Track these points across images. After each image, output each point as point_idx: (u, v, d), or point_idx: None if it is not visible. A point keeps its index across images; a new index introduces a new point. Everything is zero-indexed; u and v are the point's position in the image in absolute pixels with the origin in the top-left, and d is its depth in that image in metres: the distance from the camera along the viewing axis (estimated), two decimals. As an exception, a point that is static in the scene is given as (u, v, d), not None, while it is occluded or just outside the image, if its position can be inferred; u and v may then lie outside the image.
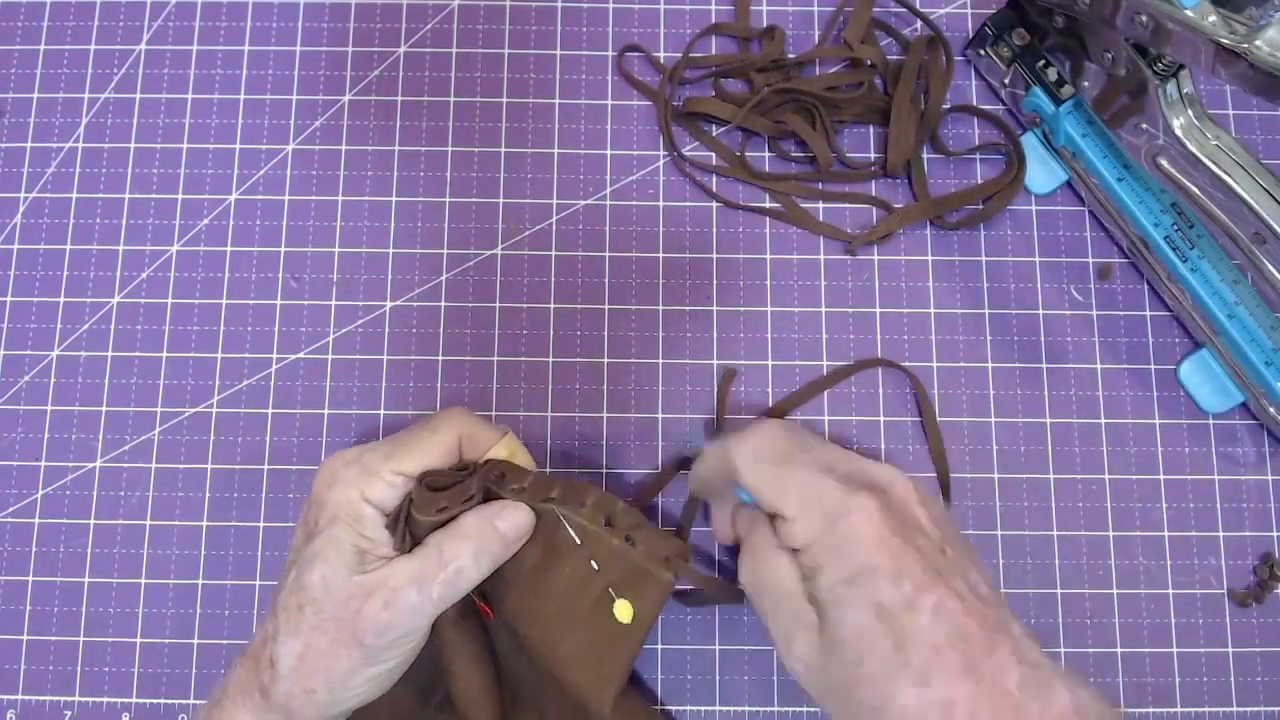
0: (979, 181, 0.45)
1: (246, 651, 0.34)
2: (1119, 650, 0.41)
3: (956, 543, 0.32)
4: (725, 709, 0.41)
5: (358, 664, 0.32)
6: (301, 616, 0.32)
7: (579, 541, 0.36)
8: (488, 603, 0.37)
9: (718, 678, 0.41)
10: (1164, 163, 0.39)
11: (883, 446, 0.43)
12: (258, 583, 0.42)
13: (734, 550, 0.40)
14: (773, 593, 0.32)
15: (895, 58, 0.46)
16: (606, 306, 0.44)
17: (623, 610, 0.36)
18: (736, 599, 0.38)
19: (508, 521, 0.35)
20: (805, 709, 0.41)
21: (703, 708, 0.41)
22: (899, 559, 0.30)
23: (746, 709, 0.41)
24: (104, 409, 0.44)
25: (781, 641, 0.32)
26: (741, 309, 0.44)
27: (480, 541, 0.34)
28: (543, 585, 0.36)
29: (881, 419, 0.43)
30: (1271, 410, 0.41)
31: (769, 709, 0.41)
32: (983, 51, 0.45)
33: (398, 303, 0.45)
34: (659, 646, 0.42)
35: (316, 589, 0.32)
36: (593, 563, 0.36)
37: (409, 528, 0.34)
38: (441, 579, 0.33)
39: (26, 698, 0.41)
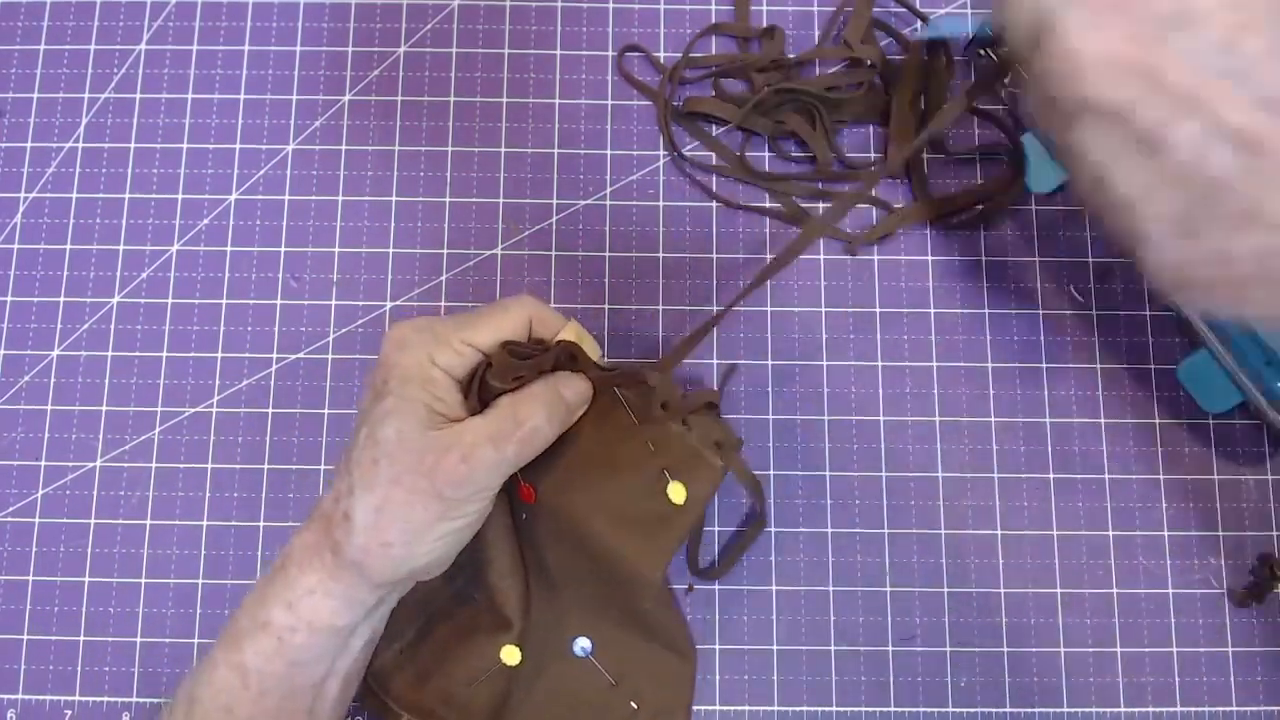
0: (979, 182, 0.45)
1: (312, 516, 0.34)
2: (1119, 650, 0.41)
3: None
4: (725, 709, 0.41)
5: (434, 516, 0.33)
6: (377, 469, 0.32)
7: (636, 422, 0.37)
8: (531, 482, 0.38)
9: (718, 678, 0.41)
10: (1164, 163, 0.39)
11: (882, 447, 0.43)
12: (258, 583, 0.42)
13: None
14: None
15: (895, 58, 0.46)
16: (606, 306, 0.44)
17: (676, 492, 0.37)
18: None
19: (572, 389, 0.36)
20: (805, 709, 0.41)
21: (702, 708, 0.41)
22: None
23: (746, 709, 0.41)
24: (104, 409, 0.44)
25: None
26: (741, 309, 0.44)
27: (550, 406, 0.35)
28: (599, 462, 0.37)
29: (881, 418, 0.43)
30: (1271, 410, 0.41)
31: (769, 709, 0.41)
32: (983, 51, 0.45)
33: (398, 303, 0.45)
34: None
35: (392, 443, 0.32)
36: (649, 444, 0.37)
37: (480, 393, 0.35)
38: (518, 437, 0.34)
39: (26, 698, 0.41)
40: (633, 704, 0.40)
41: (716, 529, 0.43)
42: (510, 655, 0.39)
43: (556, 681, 0.40)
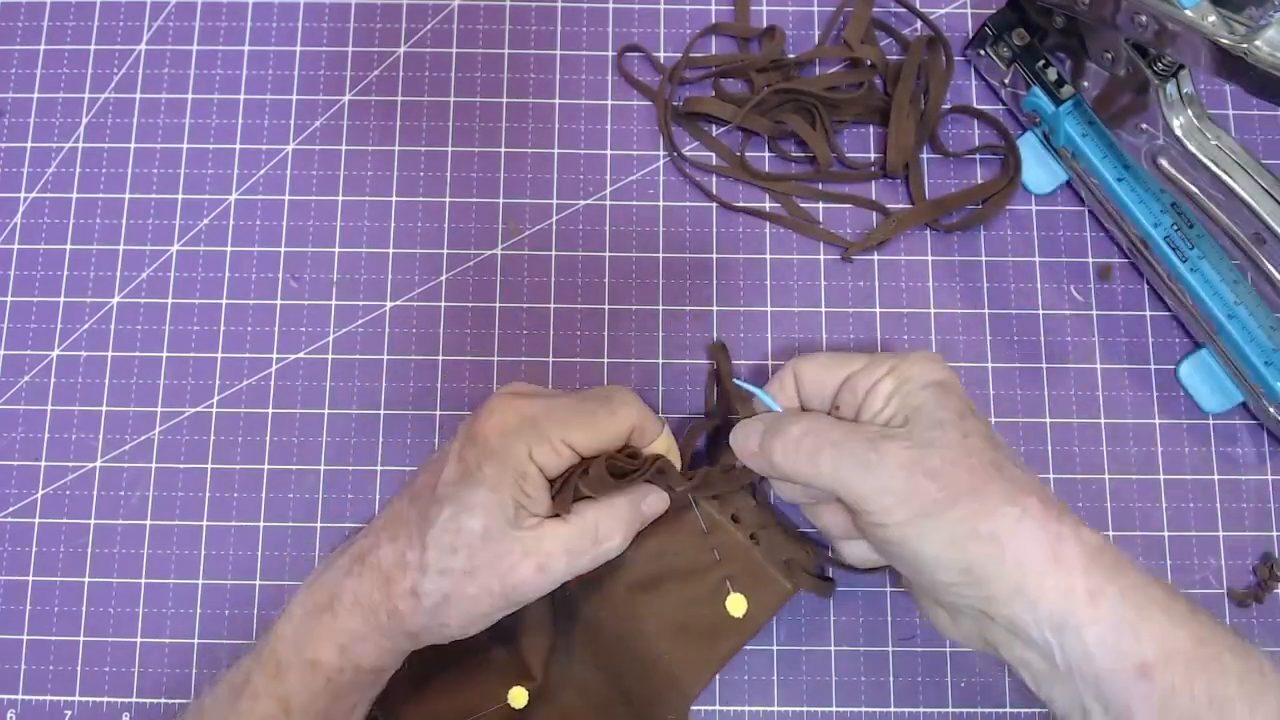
0: (978, 182, 0.45)
1: (364, 561, 0.34)
2: (1119, 650, 0.41)
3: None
4: (725, 709, 0.41)
5: (496, 610, 0.34)
6: (454, 558, 0.33)
7: (705, 529, 0.38)
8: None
9: (718, 677, 0.41)
10: (1164, 163, 0.39)
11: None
12: (258, 582, 0.42)
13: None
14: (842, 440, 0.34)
15: (895, 58, 0.46)
16: (606, 306, 0.44)
17: (736, 604, 0.37)
18: (826, 592, 0.40)
19: (652, 507, 0.37)
20: (805, 709, 0.41)
21: (702, 708, 0.41)
22: (954, 381, 0.34)
23: (746, 709, 0.41)
24: (104, 409, 0.44)
25: (857, 477, 0.33)
26: (741, 309, 0.44)
27: (630, 524, 0.35)
28: (663, 564, 0.38)
29: (881, 419, 0.43)
30: (1271, 410, 0.41)
31: (769, 709, 0.41)
32: (983, 51, 0.45)
33: (398, 303, 0.45)
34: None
35: (475, 536, 0.33)
36: (715, 552, 0.37)
37: (560, 488, 0.35)
38: (592, 554, 0.34)
39: (26, 698, 0.41)
40: None
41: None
42: (518, 698, 0.39)
43: None
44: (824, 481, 0.32)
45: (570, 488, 0.35)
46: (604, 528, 0.34)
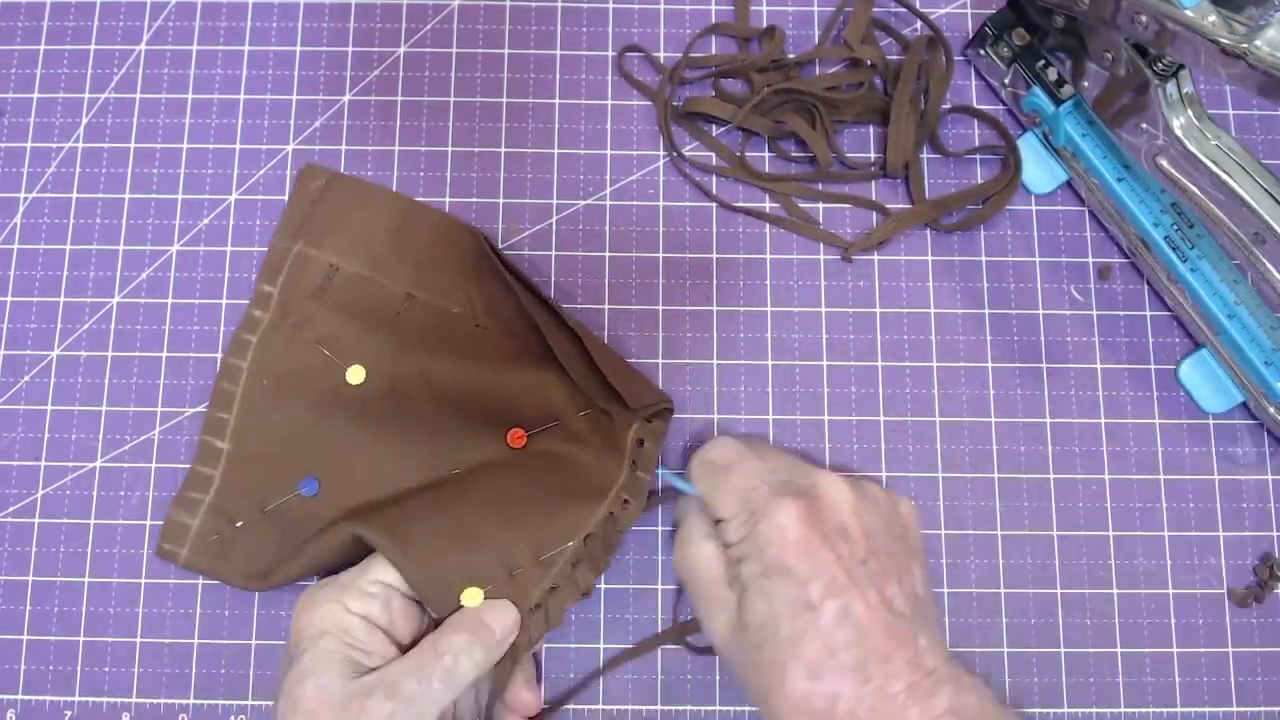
0: (978, 182, 0.45)
1: None
2: (1119, 650, 0.41)
3: (884, 554, 0.34)
4: (725, 709, 0.41)
5: None
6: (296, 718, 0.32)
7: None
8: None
9: (717, 677, 0.41)
10: (1164, 163, 0.39)
11: (883, 447, 0.43)
12: None
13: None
14: (696, 576, 0.36)
15: (895, 58, 0.46)
16: (606, 306, 0.44)
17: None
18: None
19: (498, 618, 0.36)
20: (805, 709, 0.41)
21: (703, 708, 0.41)
22: (812, 562, 0.33)
23: (747, 709, 0.41)
24: (104, 409, 0.44)
25: (704, 618, 0.36)
26: (741, 309, 0.44)
27: (473, 632, 0.35)
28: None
29: (881, 418, 0.43)
30: (1271, 410, 0.41)
31: (769, 709, 0.41)
32: (983, 51, 0.45)
33: (398, 303, 0.45)
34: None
35: (311, 699, 0.32)
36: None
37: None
38: (441, 668, 0.34)
39: (26, 698, 0.41)
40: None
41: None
42: (355, 374, 0.42)
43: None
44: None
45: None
46: (442, 642, 0.34)
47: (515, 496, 0.39)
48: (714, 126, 0.46)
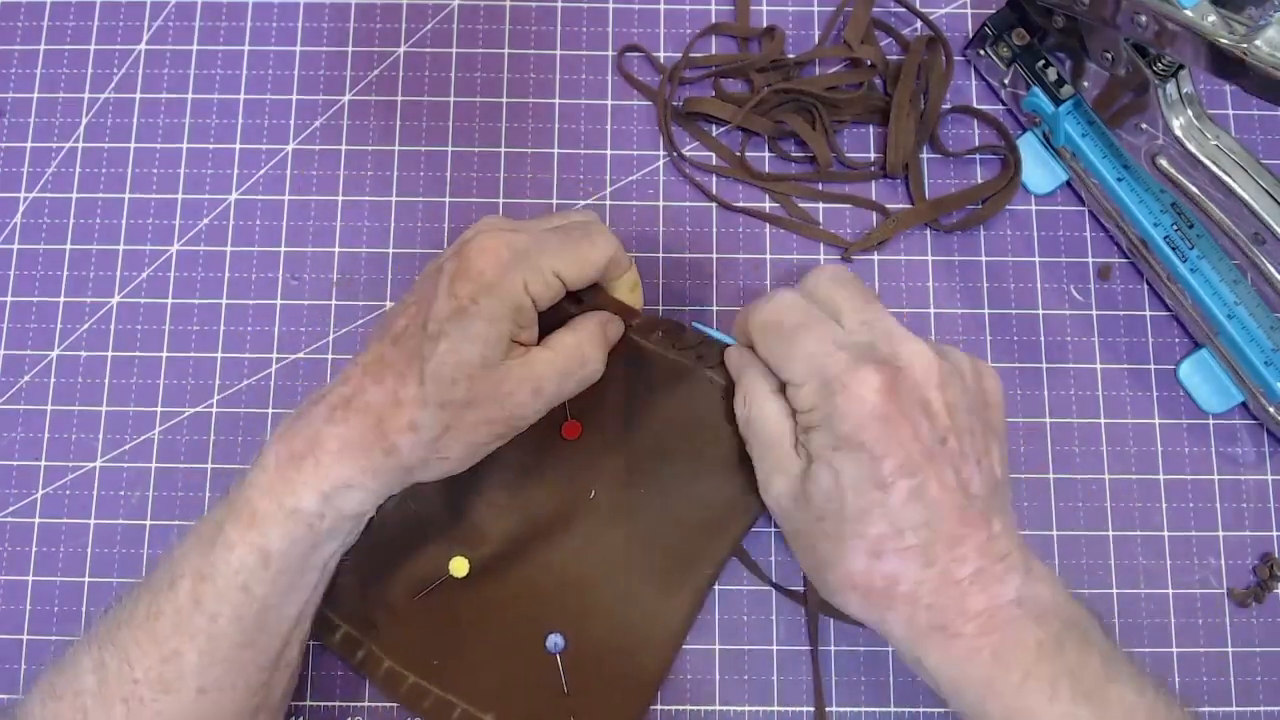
0: (978, 182, 0.45)
1: (348, 404, 0.33)
2: (1119, 650, 0.41)
3: (965, 432, 0.33)
4: (725, 709, 0.41)
5: (495, 438, 0.35)
6: (454, 389, 0.32)
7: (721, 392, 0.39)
8: (577, 418, 0.40)
9: (717, 677, 0.41)
10: (1164, 163, 0.39)
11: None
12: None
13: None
14: (759, 437, 0.36)
15: (895, 58, 0.46)
16: (606, 306, 0.44)
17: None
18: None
19: (614, 332, 0.38)
20: (805, 709, 0.41)
21: (703, 708, 0.41)
22: (889, 438, 0.31)
23: (746, 709, 0.41)
24: (104, 409, 0.44)
25: (762, 480, 0.36)
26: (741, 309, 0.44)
27: (604, 347, 0.36)
28: (668, 433, 0.40)
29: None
30: (1271, 410, 0.41)
31: (769, 709, 0.41)
32: (983, 51, 0.45)
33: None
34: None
35: (475, 367, 0.33)
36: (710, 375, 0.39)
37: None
38: (579, 376, 0.35)
39: (26, 698, 0.41)
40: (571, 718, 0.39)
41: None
42: (459, 567, 0.39)
43: (516, 664, 0.40)
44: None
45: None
46: (587, 349, 0.35)
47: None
48: (714, 126, 0.46)
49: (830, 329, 0.34)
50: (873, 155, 0.46)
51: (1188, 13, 0.33)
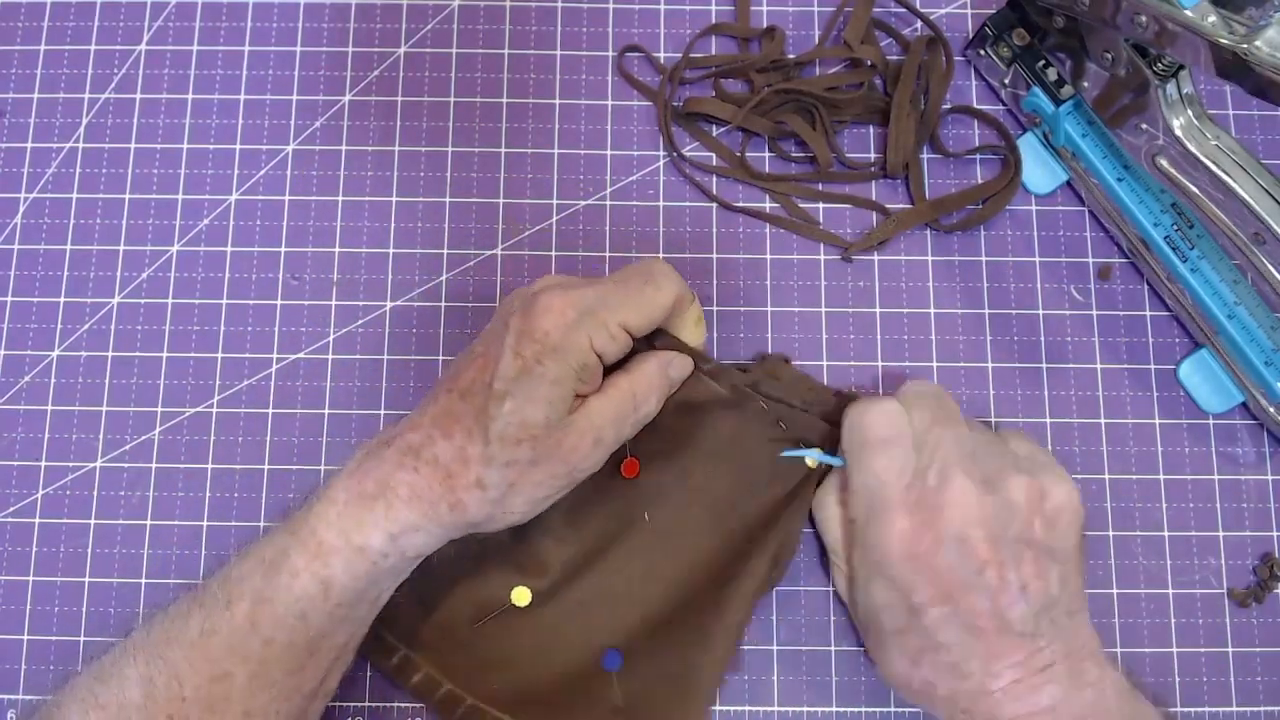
0: (978, 182, 0.45)
1: (418, 453, 0.34)
2: (1119, 650, 0.41)
3: (1009, 562, 0.34)
4: (724, 709, 0.41)
5: (558, 490, 0.35)
6: (519, 450, 0.33)
7: (769, 414, 0.40)
8: (635, 456, 0.40)
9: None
10: (1164, 163, 0.39)
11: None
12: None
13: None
14: (824, 534, 0.40)
15: (895, 58, 0.46)
16: (606, 306, 0.44)
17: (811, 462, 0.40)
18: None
19: (678, 370, 0.38)
20: (805, 709, 0.41)
21: (761, 708, 0.41)
22: (915, 573, 0.34)
23: (746, 709, 0.41)
24: (104, 409, 0.44)
25: (832, 572, 0.40)
26: (741, 309, 0.44)
27: (662, 390, 0.37)
28: (707, 443, 0.40)
29: (881, 419, 0.43)
30: (1271, 410, 0.41)
31: (769, 709, 0.41)
32: (983, 51, 0.45)
33: (398, 303, 0.45)
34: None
35: (539, 428, 0.33)
36: (780, 424, 0.40)
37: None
38: (634, 421, 0.36)
39: (27, 698, 0.41)
40: None
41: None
42: (520, 597, 0.39)
43: (573, 683, 0.40)
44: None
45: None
46: (640, 393, 0.36)
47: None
48: (714, 126, 0.46)
49: (898, 455, 0.36)
50: (873, 155, 0.46)
51: (1188, 13, 0.33)
